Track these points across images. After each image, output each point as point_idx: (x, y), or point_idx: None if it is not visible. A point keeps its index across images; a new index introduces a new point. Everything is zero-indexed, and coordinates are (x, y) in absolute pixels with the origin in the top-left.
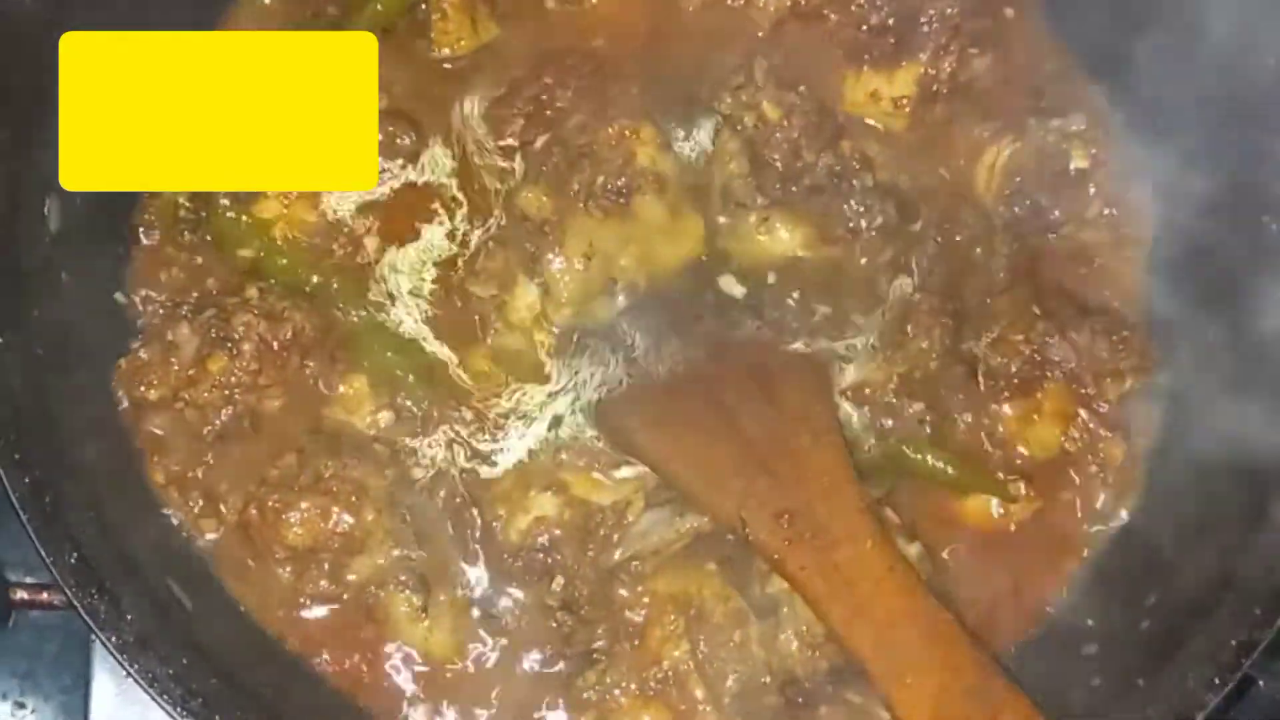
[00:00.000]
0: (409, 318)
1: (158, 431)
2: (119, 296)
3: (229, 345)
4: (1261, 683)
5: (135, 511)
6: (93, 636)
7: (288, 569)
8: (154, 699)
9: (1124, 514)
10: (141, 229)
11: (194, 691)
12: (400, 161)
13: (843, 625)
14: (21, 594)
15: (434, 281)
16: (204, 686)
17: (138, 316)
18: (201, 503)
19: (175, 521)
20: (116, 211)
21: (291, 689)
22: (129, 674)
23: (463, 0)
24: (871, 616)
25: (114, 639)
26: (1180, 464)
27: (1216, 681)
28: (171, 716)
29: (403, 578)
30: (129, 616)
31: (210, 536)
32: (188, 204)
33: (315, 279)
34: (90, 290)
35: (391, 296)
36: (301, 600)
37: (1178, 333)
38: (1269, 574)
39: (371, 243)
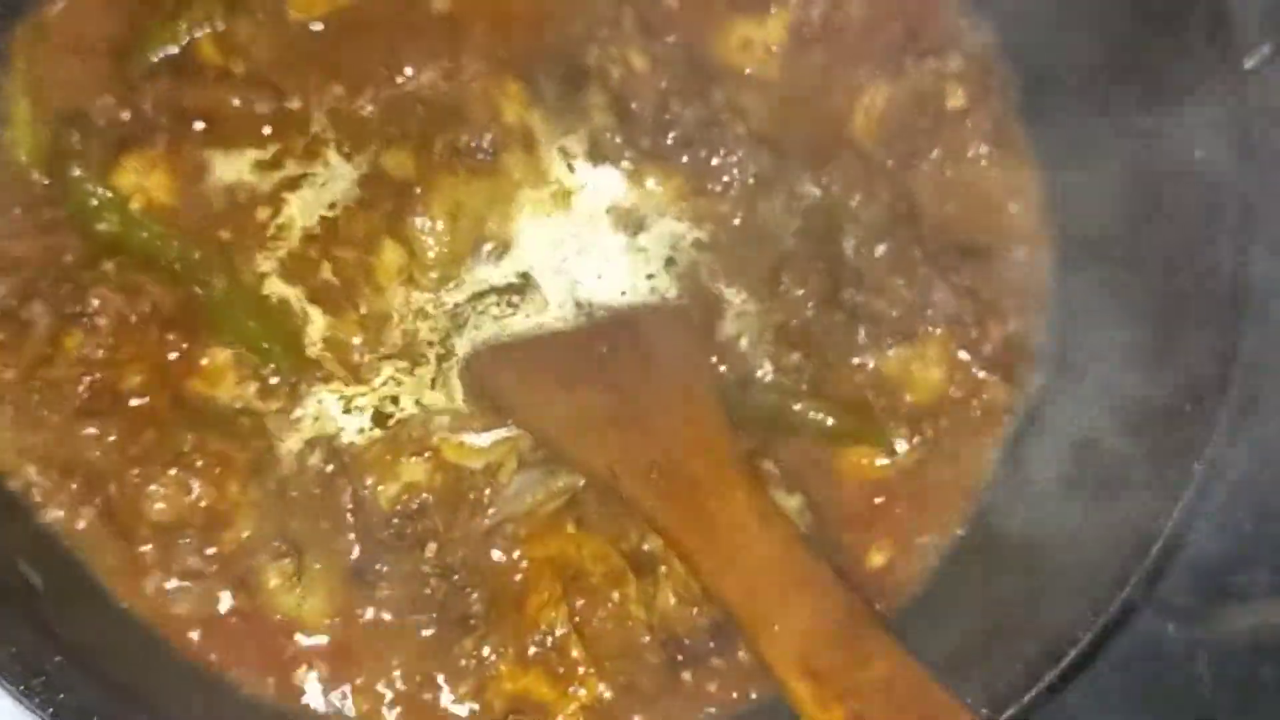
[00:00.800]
0: (275, 286)
1: (12, 412)
2: None
3: (84, 320)
4: (1170, 626)
5: None
6: None
7: (152, 546)
8: None
9: (1004, 459)
10: None
11: (35, 670)
12: (263, 128)
13: (713, 577)
14: None
15: (300, 247)
16: (47, 665)
17: None
18: (59, 482)
19: (32, 501)
20: None
21: (152, 665)
22: None
23: None
24: (741, 567)
25: None
26: (1063, 403)
27: (1090, 615)
28: (17, 699)
29: (275, 544)
30: None
31: (69, 516)
32: (43, 180)
33: (176, 250)
34: None
35: (256, 265)
36: (167, 576)
37: (1062, 273)
38: (1144, 512)
39: (235, 210)
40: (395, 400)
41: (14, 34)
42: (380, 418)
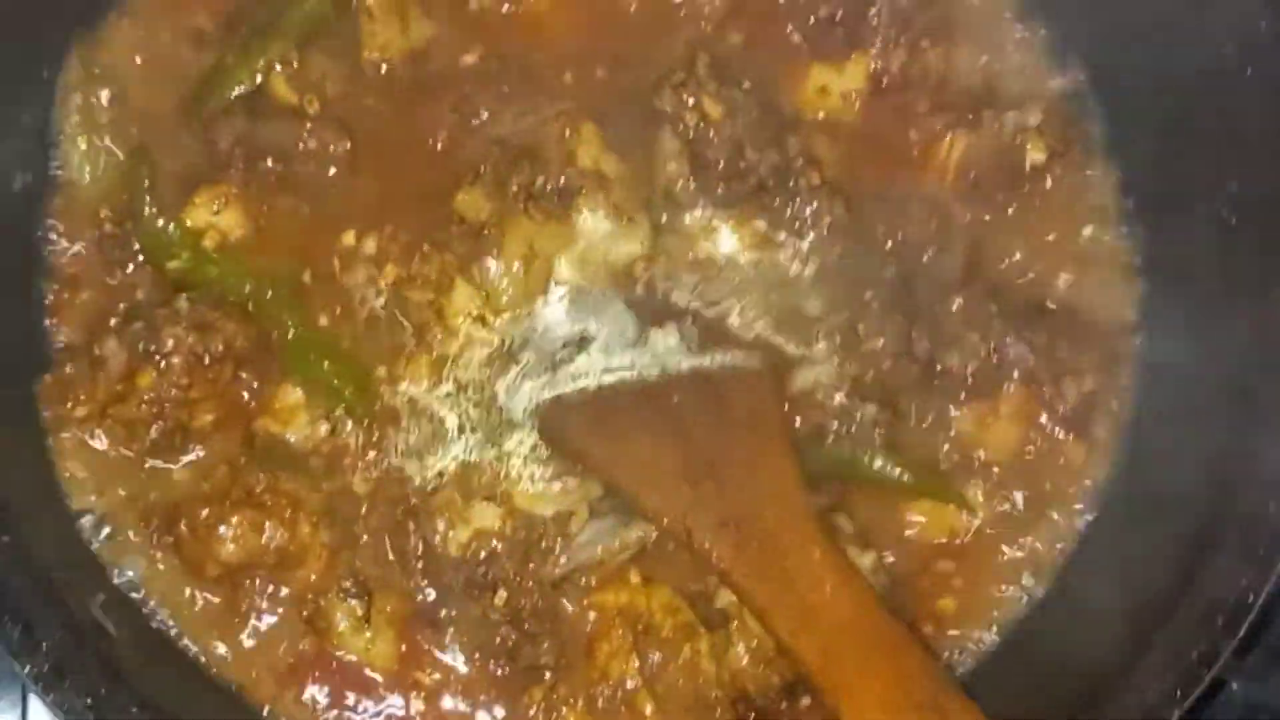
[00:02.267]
0: (347, 326)
1: (84, 449)
2: (43, 309)
3: (158, 359)
4: (1234, 685)
5: (56, 534)
6: None
7: (222, 586)
8: None
9: (1085, 521)
10: (64, 241)
11: None
12: (332, 169)
13: (790, 636)
14: None
15: (371, 287)
16: (123, 716)
17: (63, 331)
18: (130, 521)
19: (101, 542)
20: (36, 221)
21: (223, 711)
22: (44, 704)
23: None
24: (819, 627)
25: (29, 669)
26: (1141, 469)
27: (1178, 694)
28: None
29: (345, 584)
30: (45, 644)
31: (139, 556)
32: (110, 215)
33: (248, 288)
34: (11, 304)
35: (328, 305)
36: (236, 618)
37: (1141, 330)
38: (1231, 580)
39: (310, 247)
40: (464, 445)
41: (71, 64)
42: (450, 462)
